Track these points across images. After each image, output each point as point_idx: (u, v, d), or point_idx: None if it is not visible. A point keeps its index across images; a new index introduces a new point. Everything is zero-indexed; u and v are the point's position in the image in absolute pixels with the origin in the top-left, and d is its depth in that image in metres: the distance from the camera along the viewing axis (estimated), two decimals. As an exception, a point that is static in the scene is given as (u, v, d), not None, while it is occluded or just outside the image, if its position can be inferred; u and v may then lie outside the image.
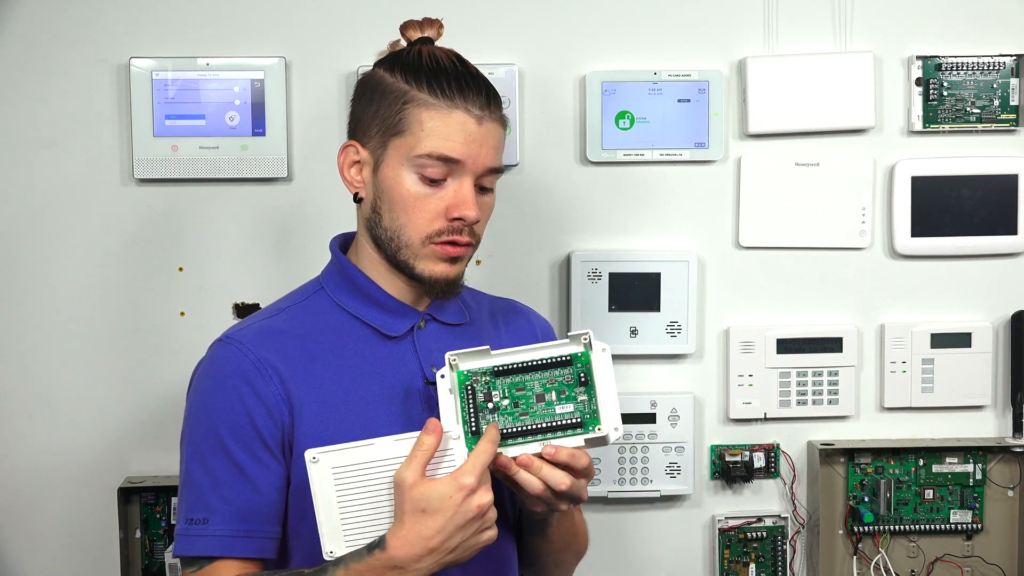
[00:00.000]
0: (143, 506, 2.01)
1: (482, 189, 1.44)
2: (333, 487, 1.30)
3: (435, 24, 1.48)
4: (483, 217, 1.45)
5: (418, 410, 1.44)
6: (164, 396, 1.99)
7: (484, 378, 1.38)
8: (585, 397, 1.37)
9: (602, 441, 1.35)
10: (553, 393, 1.37)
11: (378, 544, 1.27)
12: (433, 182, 1.40)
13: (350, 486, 1.30)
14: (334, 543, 1.30)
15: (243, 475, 1.38)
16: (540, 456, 1.33)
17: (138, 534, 2.01)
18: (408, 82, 1.41)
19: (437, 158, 1.39)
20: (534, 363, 1.38)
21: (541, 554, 1.58)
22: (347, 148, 1.46)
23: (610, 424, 1.35)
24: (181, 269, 2.02)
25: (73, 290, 2.00)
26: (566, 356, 1.38)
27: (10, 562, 2.02)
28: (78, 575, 2.03)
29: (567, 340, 1.39)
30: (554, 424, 1.35)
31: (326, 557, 1.30)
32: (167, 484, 1.97)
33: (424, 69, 1.41)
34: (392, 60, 1.44)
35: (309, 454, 1.29)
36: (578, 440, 1.34)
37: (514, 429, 1.35)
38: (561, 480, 1.32)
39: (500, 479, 1.34)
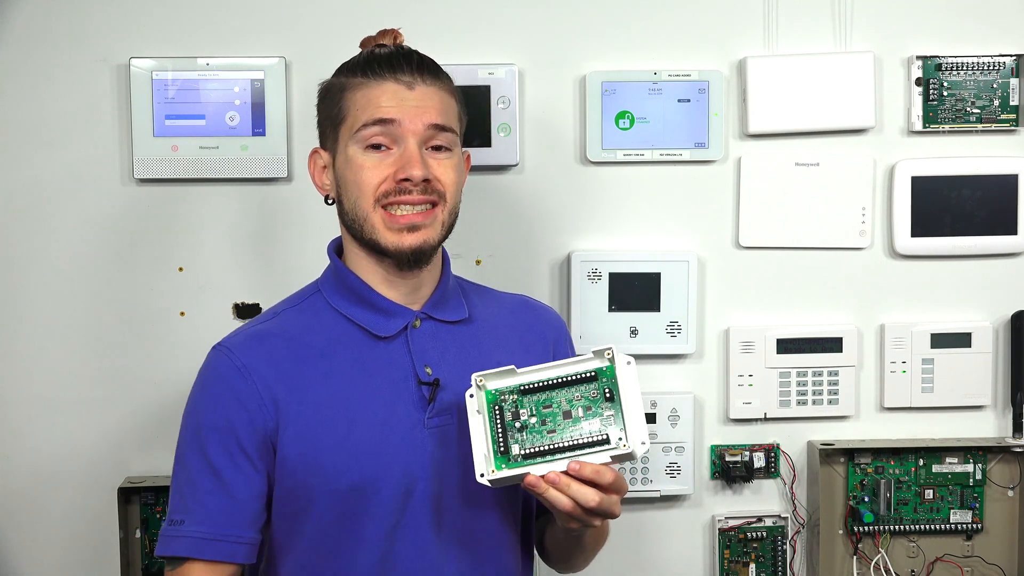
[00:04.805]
0: (143, 506, 2.01)
1: (436, 148, 1.45)
2: None
3: (389, 34, 1.53)
4: (444, 176, 1.45)
5: (406, 411, 1.44)
6: (164, 396, 1.99)
7: (511, 397, 1.39)
8: (611, 412, 1.37)
9: (628, 457, 1.35)
10: (580, 409, 1.37)
11: None
12: (376, 148, 1.44)
13: None
14: None
15: (219, 480, 1.40)
16: (567, 473, 1.32)
17: (138, 534, 2.01)
18: (344, 76, 1.49)
19: (373, 123, 1.43)
20: (560, 380, 1.38)
21: (574, 557, 1.62)
22: (313, 155, 1.53)
23: (636, 439, 1.34)
24: (181, 269, 2.02)
25: (73, 290, 2.00)
26: (591, 372, 1.38)
27: (10, 562, 2.02)
28: (78, 575, 2.03)
29: (591, 355, 1.39)
30: (581, 441, 1.35)
31: None
32: (167, 484, 1.95)
33: (359, 62, 1.48)
34: (337, 68, 1.52)
35: None
36: (604, 456, 1.34)
37: (542, 447, 1.35)
38: (590, 497, 1.32)
39: (534, 497, 1.35)
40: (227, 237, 2.02)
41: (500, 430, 1.37)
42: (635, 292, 2.04)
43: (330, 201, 1.52)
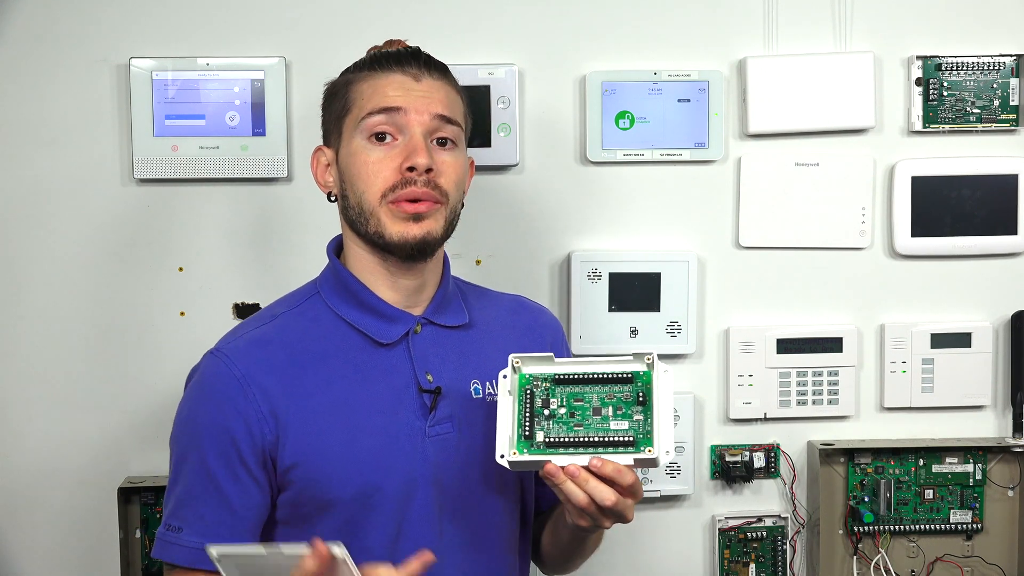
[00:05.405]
0: (143, 506, 2.01)
1: (441, 142, 1.45)
2: None
3: (397, 43, 1.53)
4: (448, 171, 1.44)
5: (407, 418, 1.44)
6: (164, 396, 1.99)
7: (544, 384, 1.39)
8: (641, 417, 1.36)
9: (652, 463, 1.34)
10: (610, 408, 1.37)
11: None
12: (381, 139, 1.43)
13: None
14: None
15: (217, 490, 1.40)
16: (587, 468, 1.32)
17: (138, 534, 2.01)
18: (351, 72, 1.49)
19: (379, 112, 1.43)
20: (595, 376, 1.39)
21: (573, 558, 1.61)
22: (317, 152, 1.52)
23: (662, 447, 1.34)
24: (181, 269, 2.02)
25: (73, 290, 2.00)
26: (628, 373, 1.39)
27: (10, 562, 2.02)
28: (78, 575, 2.03)
29: (631, 357, 1.39)
30: (606, 440, 1.35)
31: None
32: (167, 484, 1.97)
33: (365, 60, 1.49)
34: (343, 70, 1.52)
35: (212, 551, 1.20)
36: (627, 459, 1.33)
37: (567, 439, 1.35)
38: (607, 496, 1.31)
39: (550, 487, 1.35)
40: (227, 237, 2.02)
41: (528, 414, 1.36)
42: (635, 292, 2.04)
43: (332, 198, 1.51)
